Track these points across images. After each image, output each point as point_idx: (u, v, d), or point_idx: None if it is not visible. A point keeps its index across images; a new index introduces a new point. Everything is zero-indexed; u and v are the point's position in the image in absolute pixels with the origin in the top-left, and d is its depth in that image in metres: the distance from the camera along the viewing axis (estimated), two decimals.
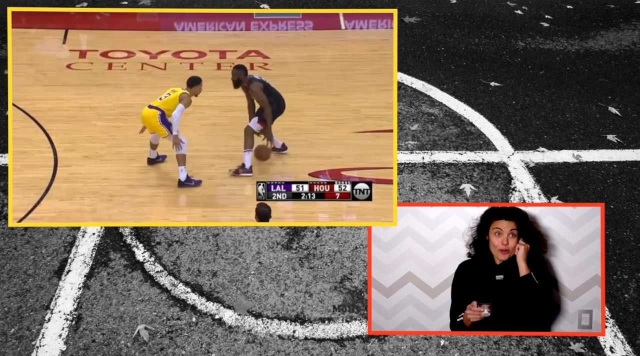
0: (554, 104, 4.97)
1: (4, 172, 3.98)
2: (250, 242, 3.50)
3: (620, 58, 5.74)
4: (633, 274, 3.39)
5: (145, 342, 2.92)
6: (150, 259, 3.37)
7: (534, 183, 4.04)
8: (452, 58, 5.62)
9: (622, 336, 3.03)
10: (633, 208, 3.88)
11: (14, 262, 3.32)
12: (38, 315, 3.03)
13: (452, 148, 4.37)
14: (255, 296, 3.18)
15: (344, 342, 2.96)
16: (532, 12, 6.59)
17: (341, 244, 3.51)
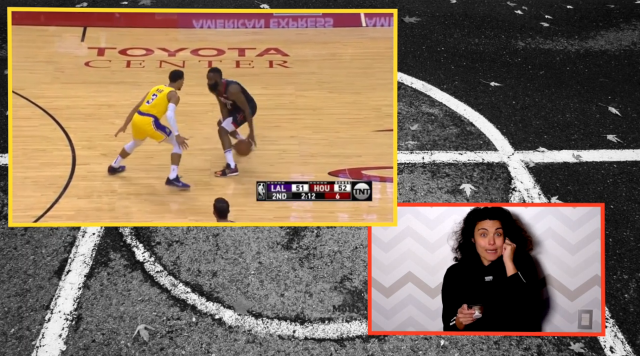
0: (554, 104, 4.97)
1: (4, 172, 3.98)
2: (250, 242, 3.50)
3: (620, 58, 5.74)
4: (633, 274, 3.39)
5: (145, 342, 2.92)
6: (150, 259, 3.37)
7: (534, 183, 4.04)
8: (452, 58, 5.62)
9: (622, 336, 3.03)
10: (633, 208, 3.88)
11: (14, 262, 3.32)
12: (38, 315, 3.03)
13: (452, 148, 4.37)
14: (255, 296, 3.18)
15: (344, 342, 2.96)
16: (532, 12, 6.59)
17: (341, 244, 3.51)
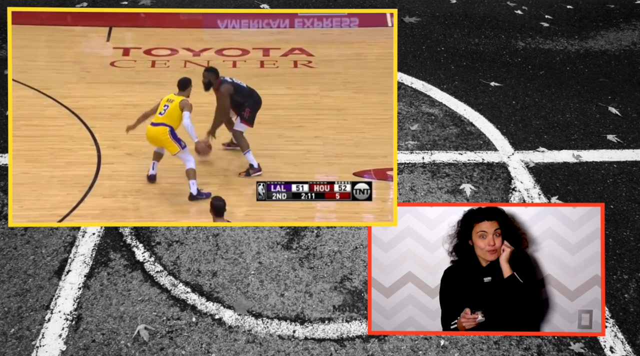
0: (554, 104, 4.97)
1: (4, 172, 3.98)
2: (250, 242, 3.50)
3: (620, 58, 5.74)
4: (633, 274, 3.39)
5: (145, 342, 2.92)
6: (150, 259, 3.37)
7: (534, 183, 4.04)
8: (452, 58, 5.62)
9: (622, 336, 3.03)
10: (633, 208, 3.88)
11: (14, 262, 3.32)
12: (38, 315, 3.03)
13: (452, 148, 4.37)
14: (255, 296, 3.18)
15: (344, 342, 2.96)
16: (532, 12, 6.59)
17: (341, 244, 3.51)
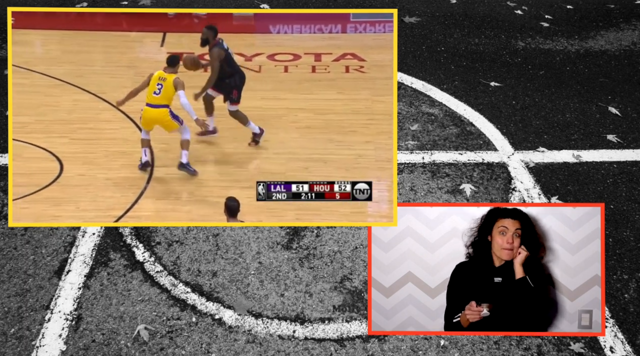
0: (554, 104, 4.97)
1: (4, 172, 3.98)
2: (250, 242, 3.50)
3: (620, 58, 5.74)
4: (633, 274, 3.39)
5: (145, 342, 2.92)
6: (150, 259, 3.37)
7: (534, 183, 4.04)
8: (452, 58, 5.62)
9: (622, 336, 3.03)
10: (633, 208, 3.88)
11: (14, 262, 3.32)
12: (38, 315, 3.03)
13: (452, 148, 4.37)
14: (255, 296, 3.18)
15: (344, 342, 2.96)
16: (532, 12, 6.59)
17: (341, 244, 3.51)
